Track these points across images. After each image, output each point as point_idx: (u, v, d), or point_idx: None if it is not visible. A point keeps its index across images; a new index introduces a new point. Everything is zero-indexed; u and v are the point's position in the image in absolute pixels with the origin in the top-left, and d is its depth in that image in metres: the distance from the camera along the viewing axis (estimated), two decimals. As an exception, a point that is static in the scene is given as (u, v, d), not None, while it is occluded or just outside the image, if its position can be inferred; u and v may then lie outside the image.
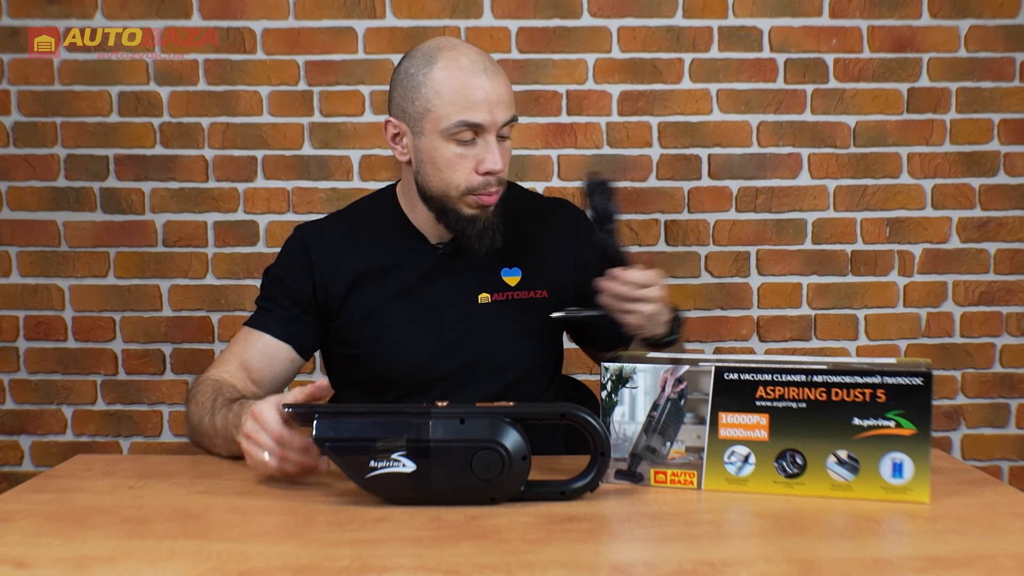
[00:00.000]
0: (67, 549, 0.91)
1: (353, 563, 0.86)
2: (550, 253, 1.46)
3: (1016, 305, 2.22)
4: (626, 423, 1.11)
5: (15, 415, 2.20)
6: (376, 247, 1.43)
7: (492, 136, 1.31)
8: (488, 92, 1.29)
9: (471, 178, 1.32)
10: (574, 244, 1.47)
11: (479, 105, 1.29)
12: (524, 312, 1.42)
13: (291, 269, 1.43)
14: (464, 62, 1.31)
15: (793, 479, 1.07)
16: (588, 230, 1.46)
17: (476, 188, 1.32)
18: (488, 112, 1.29)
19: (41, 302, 2.19)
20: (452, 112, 1.29)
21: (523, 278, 1.43)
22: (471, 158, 1.31)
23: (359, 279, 1.41)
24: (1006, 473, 2.23)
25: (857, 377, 1.04)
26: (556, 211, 1.51)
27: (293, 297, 1.41)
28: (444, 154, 1.32)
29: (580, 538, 0.94)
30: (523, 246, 1.45)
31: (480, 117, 1.29)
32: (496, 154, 1.31)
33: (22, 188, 2.17)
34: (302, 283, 1.41)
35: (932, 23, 2.17)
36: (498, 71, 1.32)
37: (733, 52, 2.17)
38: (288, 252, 1.46)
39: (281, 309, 1.41)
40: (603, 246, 1.33)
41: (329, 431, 1.03)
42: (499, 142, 1.32)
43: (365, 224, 1.46)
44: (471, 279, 1.41)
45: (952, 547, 0.90)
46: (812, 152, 2.19)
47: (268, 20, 2.15)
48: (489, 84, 1.29)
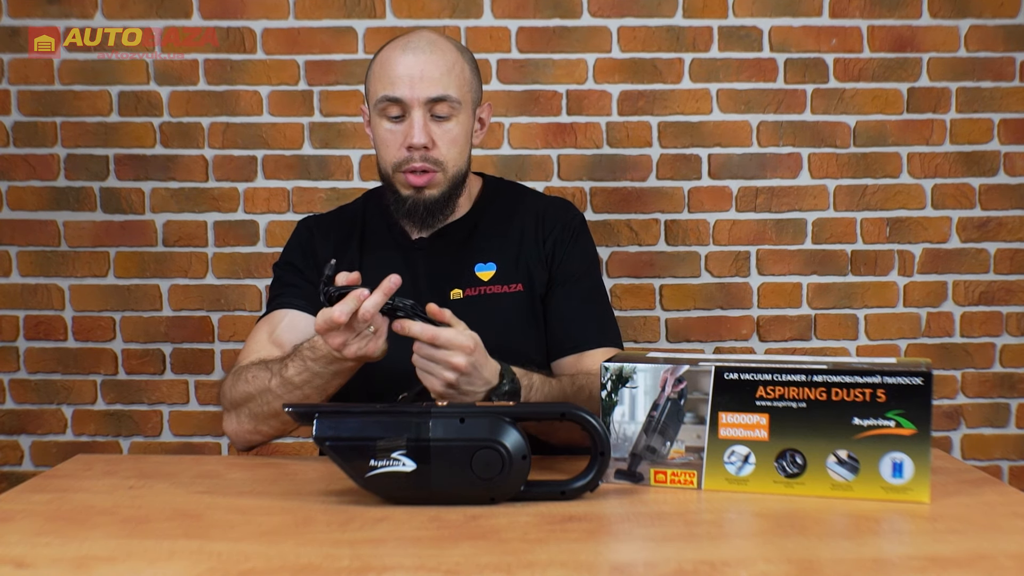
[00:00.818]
0: (67, 549, 0.91)
1: (353, 563, 0.86)
2: (527, 247, 1.46)
3: (1016, 305, 2.22)
4: (626, 423, 1.11)
5: (15, 415, 2.20)
6: (367, 242, 1.47)
7: (418, 111, 1.33)
8: (410, 67, 1.33)
9: (399, 154, 1.35)
10: (554, 242, 1.46)
11: (399, 80, 1.33)
12: (497, 307, 1.41)
13: (299, 252, 1.47)
14: (402, 43, 1.36)
15: (793, 479, 1.07)
16: (575, 234, 1.48)
17: (401, 164, 1.35)
18: (408, 87, 1.32)
19: (41, 302, 2.19)
20: (379, 87, 1.35)
21: (497, 272, 1.43)
22: (399, 134, 1.35)
23: (350, 268, 1.42)
24: (1006, 473, 2.23)
25: (857, 377, 1.04)
26: (548, 209, 1.50)
27: (305, 276, 1.44)
28: (379, 131, 1.37)
29: (580, 538, 0.94)
30: (502, 240, 1.45)
31: (399, 91, 1.33)
32: (417, 127, 1.33)
33: (22, 188, 2.17)
34: (310, 265, 1.45)
35: (932, 23, 2.17)
36: (434, 51, 1.34)
37: (733, 52, 2.17)
38: (295, 240, 1.51)
39: (296, 288, 1.43)
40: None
41: (329, 430, 1.03)
42: (436, 122, 1.34)
43: (361, 219, 1.50)
44: (444, 274, 1.42)
45: (952, 547, 0.90)
46: (812, 152, 2.19)
47: (268, 20, 2.15)
48: (413, 59, 1.33)
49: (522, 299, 1.42)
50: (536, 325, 1.45)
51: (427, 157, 1.35)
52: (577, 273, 1.46)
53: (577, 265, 1.46)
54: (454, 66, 1.35)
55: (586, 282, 1.47)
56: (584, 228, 1.51)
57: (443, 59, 1.34)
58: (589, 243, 1.51)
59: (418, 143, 1.33)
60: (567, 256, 1.46)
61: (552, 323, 1.44)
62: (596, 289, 1.49)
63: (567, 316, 1.43)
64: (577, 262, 1.47)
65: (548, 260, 1.46)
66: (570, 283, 1.45)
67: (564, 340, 1.42)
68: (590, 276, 1.48)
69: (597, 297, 1.48)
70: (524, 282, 1.44)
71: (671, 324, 2.20)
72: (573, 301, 1.44)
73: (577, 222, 1.50)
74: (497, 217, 1.48)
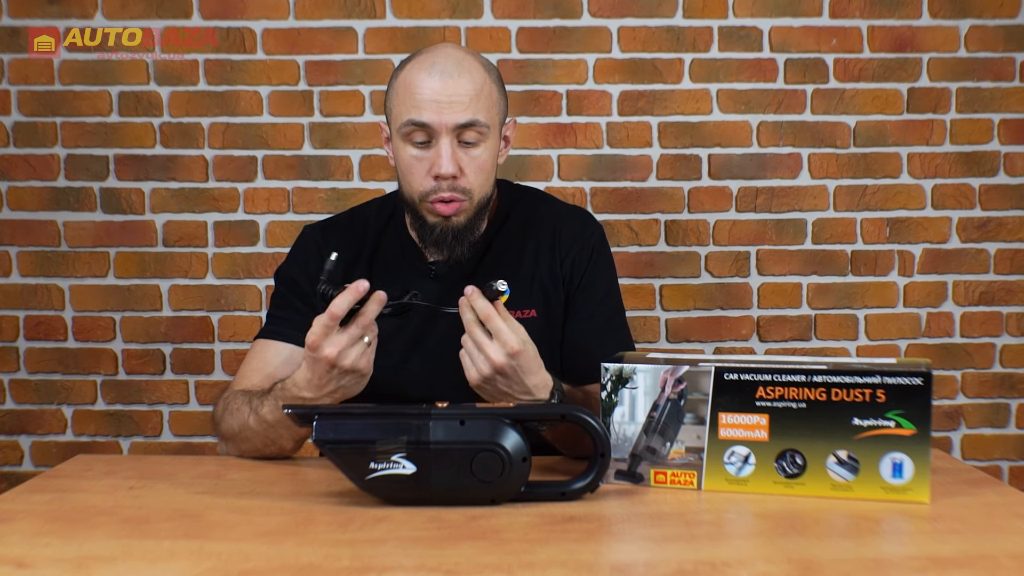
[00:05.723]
0: (67, 549, 0.91)
1: (353, 563, 0.86)
2: (543, 267, 1.40)
3: (1016, 305, 2.22)
4: (626, 423, 1.11)
5: (15, 415, 2.20)
6: (377, 263, 1.41)
7: (445, 138, 1.27)
8: (437, 92, 1.26)
9: (425, 182, 1.29)
10: (572, 263, 1.40)
11: (426, 104, 1.26)
12: None
13: (303, 270, 1.41)
14: (427, 63, 1.28)
15: (793, 479, 1.07)
16: (593, 252, 1.41)
17: (428, 193, 1.30)
18: (435, 112, 1.26)
19: (41, 302, 2.19)
20: (403, 111, 1.28)
21: (511, 297, 1.37)
22: (426, 161, 1.29)
23: None
24: (1006, 473, 2.23)
25: (857, 377, 1.04)
26: (565, 224, 1.43)
27: (308, 300, 1.38)
28: (403, 156, 1.31)
29: (580, 538, 0.94)
30: (517, 260, 1.40)
31: (426, 116, 1.26)
32: (445, 157, 1.27)
33: (22, 188, 2.17)
34: (314, 283, 1.39)
35: (932, 23, 2.17)
36: (462, 73, 1.27)
37: (733, 52, 2.17)
38: (299, 252, 1.44)
39: (298, 315, 1.37)
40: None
41: (329, 432, 1.03)
42: (463, 148, 1.29)
43: (372, 232, 1.43)
44: (458, 298, 1.36)
45: (952, 547, 0.90)
46: (812, 152, 2.19)
47: (268, 20, 2.15)
48: (440, 84, 1.26)
49: (536, 326, 1.35)
50: (550, 352, 1.38)
51: (455, 187, 1.29)
52: (597, 296, 1.41)
53: (596, 288, 1.41)
54: (483, 88, 1.29)
55: (606, 304, 1.41)
56: (603, 244, 1.45)
57: (471, 82, 1.27)
58: (608, 262, 1.45)
59: (447, 173, 1.27)
60: (585, 278, 1.40)
61: (571, 350, 1.39)
62: (616, 313, 1.43)
63: (588, 347, 1.37)
64: (596, 284, 1.41)
65: (566, 282, 1.40)
66: (589, 307, 1.40)
67: (584, 369, 1.32)
68: (610, 297, 1.43)
69: (617, 321, 1.42)
70: (539, 307, 1.38)
71: (671, 324, 2.20)
72: (594, 328, 1.39)
73: (596, 239, 1.43)
74: (512, 233, 1.42)
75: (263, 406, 1.23)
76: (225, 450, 1.33)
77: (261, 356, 1.37)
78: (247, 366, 1.37)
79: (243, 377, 1.36)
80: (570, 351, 1.39)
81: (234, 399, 1.30)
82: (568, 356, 1.39)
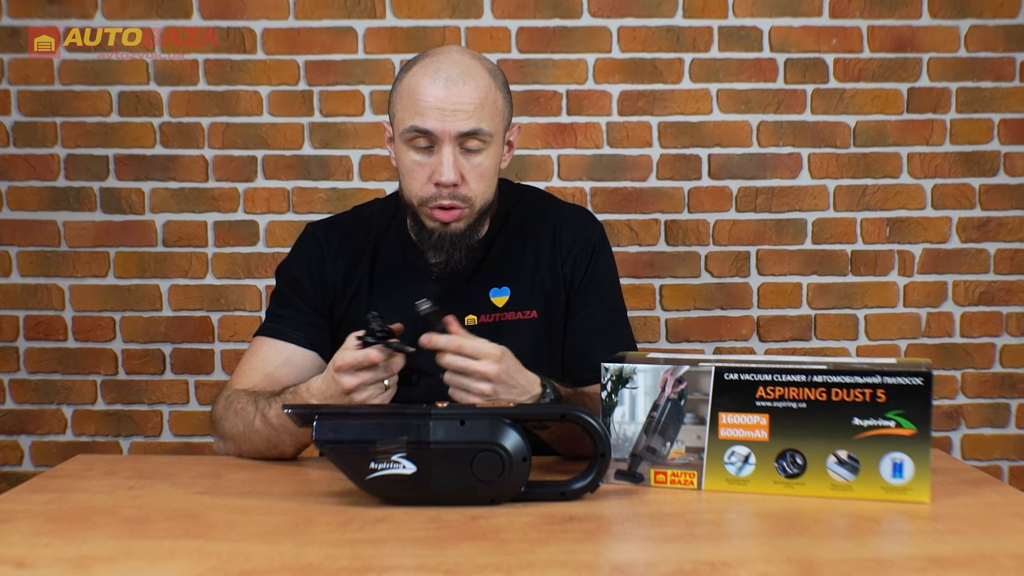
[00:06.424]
0: (67, 549, 0.91)
1: (353, 563, 0.86)
2: (544, 268, 1.40)
3: (1016, 305, 2.22)
4: (626, 423, 1.11)
5: (15, 415, 2.20)
6: (379, 264, 1.41)
7: (447, 146, 1.27)
8: (441, 99, 1.25)
9: (426, 188, 1.29)
10: (573, 263, 1.40)
11: (429, 111, 1.26)
12: (510, 335, 1.33)
13: (306, 269, 1.40)
14: (432, 68, 1.28)
15: (793, 479, 1.07)
16: (594, 252, 1.41)
17: (429, 199, 1.30)
18: (439, 120, 1.25)
19: (41, 302, 2.19)
20: (407, 116, 1.28)
21: (512, 297, 1.38)
22: (427, 167, 1.29)
23: (359, 290, 1.39)
24: (1006, 473, 2.23)
25: (857, 377, 1.04)
26: (565, 224, 1.43)
27: (310, 300, 1.38)
28: (404, 160, 1.31)
29: (580, 538, 0.94)
30: (517, 261, 1.40)
31: (429, 124, 1.26)
32: (447, 164, 1.26)
33: (22, 188, 2.17)
34: (317, 283, 1.39)
35: (932, 23, 2.17)
36: (467, 81, 1.27)
37: (733, 52, 2.17)
38: (301, 250, 1.43)
39: (300, 315, 1.37)
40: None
41: (329, 432, 1.03)
42: (465, 155, 1.28)
43: (374, 232, 1.43)
44: (459, 300, 1.36)
45: (952, 547, 0.90)
46: (812, 152, 2.19)
47: (268, 20, 2.15)
48: (445, 91, 1.26)
49: (536, 327, 1.37)
50: (550, 352, 1.39)
51: (455, 194, 1.29)
52: (598, 295, 1.40)
53: (596, 288, 1.41)
54: (487, 96, 1.28)
55: (608, 304, 1.41)
56: (603, 243, 1.44)
57: (476, 89, 1.27)
58: (609, 261, 1.45)
59: (447, 181, 1.27)
60: (586, 279, 1.40)
61: (572, 351, 1.39)
62: (617, 312, 1.43)
63: (589, 348, 1.37)
64: (596, 284, 1.41)
65: (567, 282, 1.40)
66: (591, 306, 1.39)
67: (586, 370, 1.33)
68: (611, 296, 1.43)
69: (618, 321, 1.42)
70: (540, 308, 1.38)
71: (671, 324, 2.21)
72: (595, 329, 1.39)
73: (596, 238, 1.43)
74: (513, 234, 1.42)
75: (270, 409, 1.23)
76: (224, 449, 1.32)
77: (260, 355, 1.37)
78: (246, 364, 1.37)
79: (242, 375, 1.36)
80: (571, 351, 1.39)
81: (237, 399, 1.29)
82: (569, 356, 1.39)
